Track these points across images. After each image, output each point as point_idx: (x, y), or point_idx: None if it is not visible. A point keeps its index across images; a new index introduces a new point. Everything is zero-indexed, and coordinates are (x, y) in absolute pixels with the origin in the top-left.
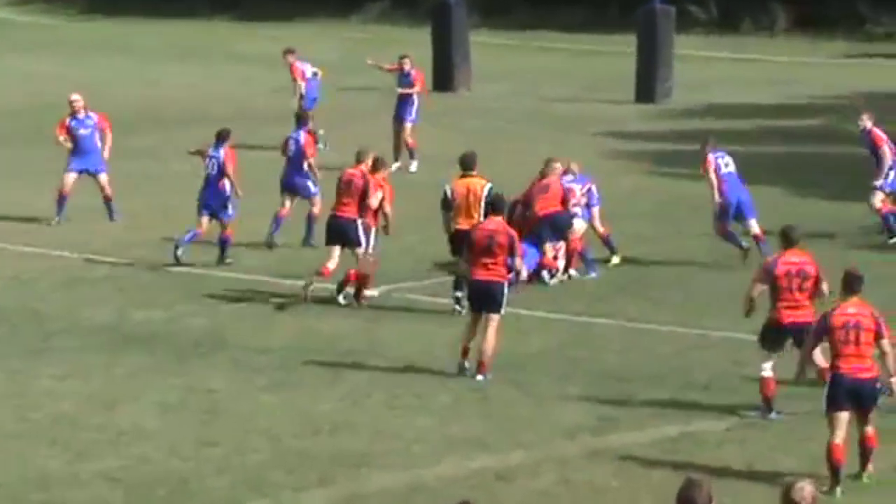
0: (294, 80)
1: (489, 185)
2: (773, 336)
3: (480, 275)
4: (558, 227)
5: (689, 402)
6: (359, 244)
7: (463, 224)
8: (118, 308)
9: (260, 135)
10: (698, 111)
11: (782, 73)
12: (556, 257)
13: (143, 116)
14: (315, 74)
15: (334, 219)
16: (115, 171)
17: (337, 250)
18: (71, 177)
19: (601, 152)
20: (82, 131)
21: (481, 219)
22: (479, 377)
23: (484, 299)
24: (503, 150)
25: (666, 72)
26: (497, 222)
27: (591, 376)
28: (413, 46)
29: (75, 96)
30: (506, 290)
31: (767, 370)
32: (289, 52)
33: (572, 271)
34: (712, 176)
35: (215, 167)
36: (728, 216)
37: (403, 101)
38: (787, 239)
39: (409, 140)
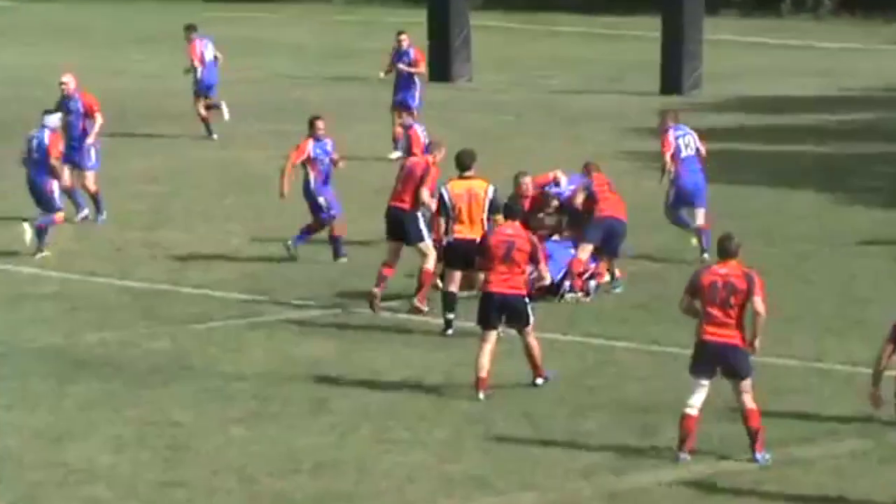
0: (192, 61)
1: (493, 187)
2: (697, 357)
3: (497, 287)
4: (616, 236)
5: (722, 436)
6: (419, 238)
7: (463, 232)
8: (68, 329)
9: (238, 131)
10: (731, 104)
11: (829, 60)
12: (584, 274)
13: (105, 110)
14: (215, 59)
15: (390, 209)
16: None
17: (396, 247)
18: (66, 168)
19: (620, 151)
20: (66, 117)
21: (485, 225)
22: (539, 380)
23: (504, 314)
24: (509, 149)
25: (695, 60)
26: (516, 227)
27: (610, 407)
28: (406, 30)
29: (66, 77)
30: (527, 301)
31: (690, 405)
32: (190, 28)
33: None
34: (668, 159)
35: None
36: (682, 204)
37: (406, 85)
38: (723, 250)
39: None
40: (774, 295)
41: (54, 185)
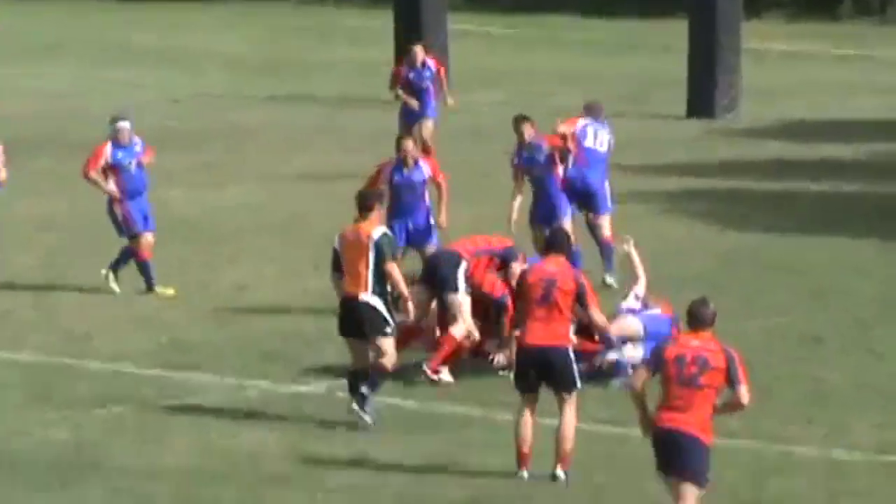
0: None
1: (382, 229)
2: (655, 452)
3: (534, 338)
4: None
5: None
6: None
7: (349, 287)
8: None
9: (157, 165)
10: (775, 130)
11: None
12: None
13: None
14: None
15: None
16: None
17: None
18: None
19: (638, 189)
20: None
21: (370, 276)
22: (560, 472)
23: (543, 373)
24: (499, 188)
25: (731, 74)
26: (560, 263)
27: None
28: (370, 39)
29: None
30: (573, 357)
31: None
32: None
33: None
34: (571, 145)
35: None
36: (571, 199)
37: (421, 98)
38: (696, 317)
39: (430, 143)
40: (831, 370)
41: (115, 208)
